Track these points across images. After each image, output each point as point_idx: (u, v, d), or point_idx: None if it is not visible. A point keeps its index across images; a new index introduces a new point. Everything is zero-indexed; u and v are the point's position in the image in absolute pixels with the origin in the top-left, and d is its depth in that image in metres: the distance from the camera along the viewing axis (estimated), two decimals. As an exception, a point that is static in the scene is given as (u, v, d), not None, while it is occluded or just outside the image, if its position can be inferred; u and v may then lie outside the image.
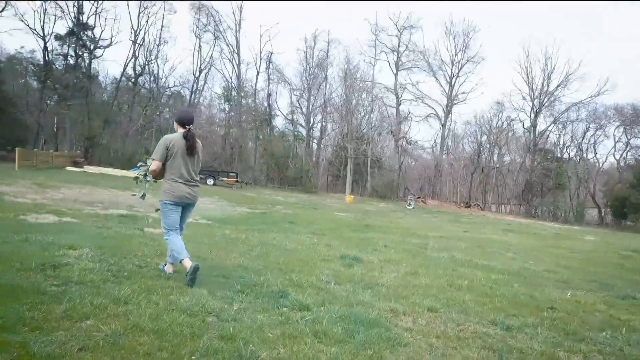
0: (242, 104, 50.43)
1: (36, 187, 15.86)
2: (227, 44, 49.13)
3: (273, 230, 10.45)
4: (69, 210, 10.09)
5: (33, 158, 27.00)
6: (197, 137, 4.75)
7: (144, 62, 44.86)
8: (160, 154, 4.58)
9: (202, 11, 47.97)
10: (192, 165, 4.70)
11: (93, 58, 42.95)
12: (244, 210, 16.59)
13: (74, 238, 6.10)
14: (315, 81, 51.89)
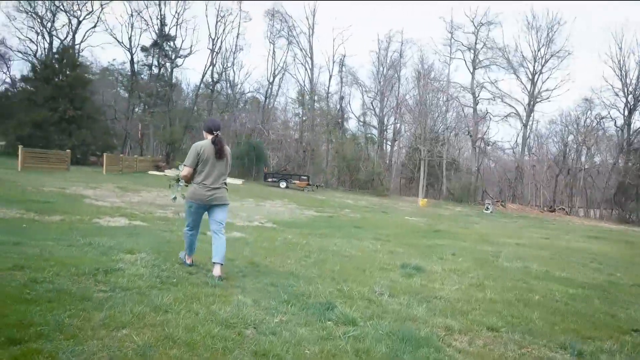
0: (315, 108, 50.92)
1: (118, 191, 16.81)
2: (301, 48, 49.87)
3: (336, 235, 10.28)
4: (141, 213, 10.54)
5: (119, 163, 28.83)
6: (225, 143, 5.04)
7: (221, 69, 46.61)
8: (192, 161, 4.89)
9: (276, 17, 49.04)
10: (221, 168, 4.98)
11: (174, 67, 45.29)
12: (312, 213, 16.57)
13: (136, 242, 6.28)
14: (389, 82, 51.27)
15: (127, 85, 44.44)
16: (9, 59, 46.58)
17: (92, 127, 32.55)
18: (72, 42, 42.74)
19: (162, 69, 44.67)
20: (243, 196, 21.48)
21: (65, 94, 31.17)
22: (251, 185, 32.73)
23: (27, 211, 8.55)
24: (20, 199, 10.15)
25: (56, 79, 31.65)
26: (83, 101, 32.32)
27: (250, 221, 11.70)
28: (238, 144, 42.14)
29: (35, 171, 21.09)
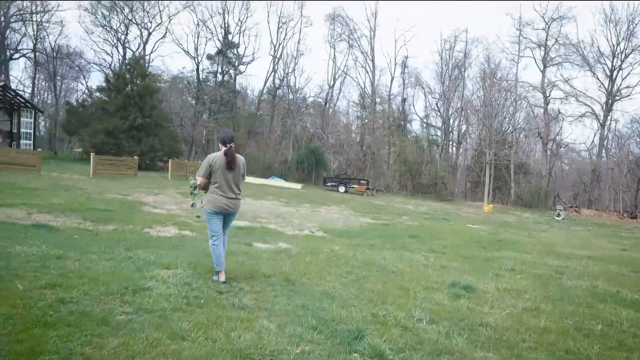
0: (377, 110, 50.43)
1: (178, 197, 17.29)
2: (362, 51, 49.61)
3: (387, 247, 9.91)
4: (193, 222, 10.69)
5: (184, 168, 29.82)
6: (237, 154, 5.32)
7: (282, 75, 47.27)
8: (204, 172, 5.27)
9: (336, 21, 49.07)
10: (233, 178, 5.27)
11: (238, 74, 46.48)
12: (367, 221, 16.23)
13: (177, 255, 6.29)
14: (453, 83, 49.81)
15: (193, 92, 46.15)
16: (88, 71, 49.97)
17: (159, 134, 33.96)
18: (143, 53, 45.01)
19: (226, 76, 45.98)
20: (300, 201, 21.53)
21: (135, 103, 32.72)
22: (310, 190, 32.81)
23: (84, 220, 8.89)
24: (81, 207, 10.60)
25: (127, 89, 33.29)
26: (151, 109, 33.77)
27: (301, 229, 11.59)
28: (298, 149, 42.49)
29: (105, 177, 22.21)
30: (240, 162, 5.38)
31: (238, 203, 5.42)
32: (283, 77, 46.98)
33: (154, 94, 35.13)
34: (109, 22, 45.56)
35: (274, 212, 15.84)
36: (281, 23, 46.16)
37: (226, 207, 5.25)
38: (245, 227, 10.57)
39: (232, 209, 5.33)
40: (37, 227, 7.41)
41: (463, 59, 49.73)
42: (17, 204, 9.86)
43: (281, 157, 43.54)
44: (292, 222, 13.21)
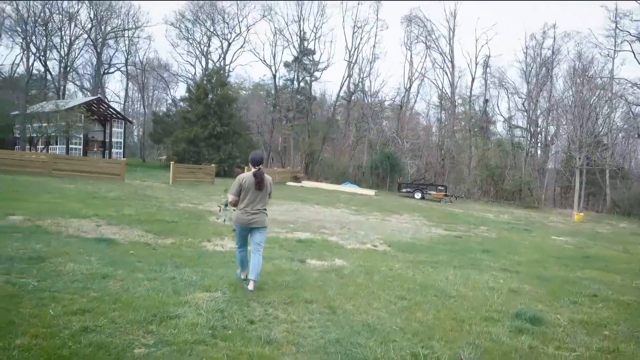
0: (457, 113, 48.65)
1: (248, 205, 17.51)
2: (441, 52, 48.18)
3: (454, 264, 9.23)
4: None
5: (259, 175, 30.47)
6: (265, 175, 5.77)
7: (357, 79, 47.04)
8: (235, 190, 5.66)
9: (413, 22, 48.04)
10: (260, 197, 5.69)
11: (313, 80, 46.90)
12: (439, 232, 15.44)
13: (221, 275, 6.17)
14: (541, 82, 46.79)
15: (270, 99, 47.27)
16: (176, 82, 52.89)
17: (237, 142, 35.04)
18: (223, 63, 46.81)
19: (302, 82, 46.57)
20: (371, 209, 21.07)
21: (215, 112, 34.02)
22: (384, 197, 32.18)
23: (147, 233, 9.14)
24: (149, 218, 10.96)
25: (207, 99, 34.70)
26: (229, 118, 34.96)
27: (363, 242, 11.18)
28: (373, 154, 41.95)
29: (184, 184, 23.16)
30: (268, 182, 5.77)
31: (262, 217, 5.76)
32: (358, 81, 46.81)
33: (232, 102, 36.33)
34: (192, 35, 47.93)
35: (342, 221, 15.55)
36: (356, 27, 46.06)
37: (248, 223, 5.66)
38: (305, 240, 10.38)
39: (255, 223, 5.69)
40: (98, 242, 7.67)
41: (551, 55, 46.56)
42: (90, 215, 10.38)
43: (355, 162, 43.25)
44: (357, 233, 12.83)
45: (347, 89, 46.84)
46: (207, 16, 47.27)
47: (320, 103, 51.28)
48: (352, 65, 46.04)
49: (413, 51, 48.92)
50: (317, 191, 29.74)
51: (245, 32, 47.51)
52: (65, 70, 46.68)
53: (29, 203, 11.35)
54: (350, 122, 46.87)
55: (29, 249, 6.52)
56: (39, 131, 29.21)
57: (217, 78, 36.44)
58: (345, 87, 46.66)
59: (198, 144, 32.97)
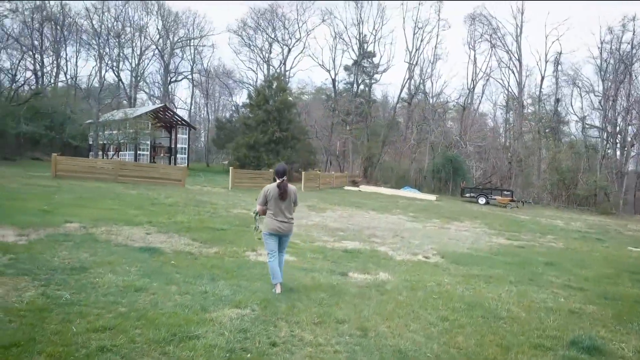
0: (525, 113, 46.37)
1: (304, 210, 17.49)
2: (507, 50, 46.21)
3: (510, 279, 8.58)
4: (301, 242, 10.51)
5: (316, 180, 30.45)
6: (290, 185, 6.19)
7: (418, 81, 46.04)
8: (261, 200, 6.11)
9: (477, 21, 46.41)
10: (285, 206, 6.08)
11: (373, 83, 46.43)
12: (500, 242, 14.59)
13: (255, 290, 6.03)
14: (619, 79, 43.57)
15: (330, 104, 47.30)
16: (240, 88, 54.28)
17: (295, 147, 35.27)
18: (283, 69, 47.40)
19: (362, 85, 46.24)
20: (430, 216, 20.37)
21: (274, 118, 34.45)
22: (446, 202, 31.14)
23: (194, 241, 9.23)
24: (199, 226, 11.11)
25: (267, 104, 35.21)
26: (289, 123, 35.27)
27: (415, 253, 10.71)
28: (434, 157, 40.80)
29: (242, 189, 23.54)
30: (292, 192, 6.18)
31: (289, 226, 6.19)
32: (419, 83, 45.78)
33: (291, 108, 36.66)
34: (254, 42, 48.97)
35: (396, 229, 15.09)
36: (417, 28, 45.09)
37: (278, 229, 6.04)
38: (352, 251, 10.08)
39: (284, 231, 6.10)
40: (143, 251, 7.79)
41: (631, 50, 43.24)
42: (142, 223, 10.66)
43: (416, 166, 42.27)
44: (410, 243, 12.35)
45: (407, 91, 46.01)
46: (268, 23, 48.15)
47: (380, 106, 50.68)
48: (413, 67, 45.15)
49: (477, 50, 47.33)
50: (375, 196, 29.27)
51: (305, 37, 48.01)
52: (136, 80, 49.19)
53: (89, 210, 11.86)
54: (411, 124, 45.91)
55: (74, 259, 6.71)
56: (109, 138, 30.86)
57: (277, 84, 36.90)
58: (406, 89, 45.86)
59: (258, 149, 33.50)
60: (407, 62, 45.15)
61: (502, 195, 32.96)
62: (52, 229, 8.79)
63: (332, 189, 30.95)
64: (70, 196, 14.39)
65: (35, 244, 7.41)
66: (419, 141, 44.43)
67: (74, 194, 15.19)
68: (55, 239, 7.90)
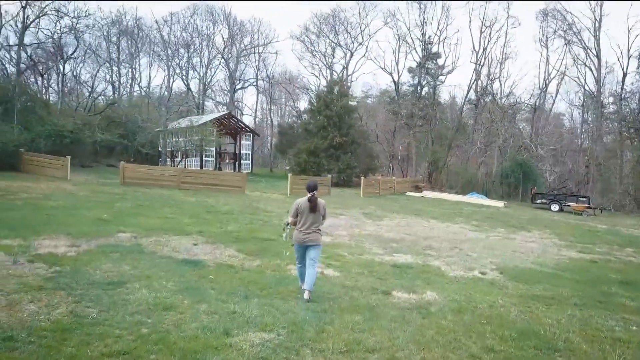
0: (604, 113, 43.17)
1: (360, 218, 17.16)
2: (584, 47, 43.25)
3: (574, 301, 7.76)
4: (349, 254, 10.18)
5: (376, 185, 29.91)
6: (319, 199, 6.63)
7: (485, 82, 44.22)
8: (293, 213, 6.60)
9: (550, 17, 43.91)
10: (314, 218, 6.51)
11: (438, 85, 45.16)
12: (570, 254, 13.45)
13: (287, 310, 5.79)
14: None
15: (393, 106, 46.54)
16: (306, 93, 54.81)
17: (356, 151, 34.92)
18: (345, 73, 47.24)
19: (426, 87, 45.13)
20: (495, 224, 19.30)
21: (334, 123, 34.33)
22: (514, 209, 29.50)
23: (239, 253, 9.17)
24: (247, 236, 11.09)
25: (327, 110, 35.16)
26: (349, 127, 35.01)
27: (470, 269, 10.03)
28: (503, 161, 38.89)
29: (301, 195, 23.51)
30: (321, 205, 6.61)
31: (316, 236, 6.55)
32: (486, 84, 43.91)
33: (351, 113, 36.37)
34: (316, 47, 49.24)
35: (456, 239, 14.36)
36: (484, 27, 43.32)
37: (304, 241, 6.48)
38: (402, 265, 9.60)
39: (310, 241, 6.48)
40: (185, 263, 7.80)
41: None
42: (193, 232, 10.79)
43: (484, 170, 40.52)
44: (468, 256, 11.65)
45: (474, 92, 44.31)
46: (330, 28, 48.20)
47: (445, 108, 49.20)
48: (480, 67, 43.43)
49: (550, 48, 44.75)
50: (438, 202, 28.27)
51: (367, 40, 47.55)
52: (204, 88, 50.99)
53: (145, 218, 12.21)
54: (478, 127, 44.12)
55: (115, 272, 6.81)
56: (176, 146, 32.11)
57: (338, 89, 36.79)
58: (473, 90, 44.22)
59: (318, 155, 33.51)
60: (474, 62, 43.57)
61: (578, 202, 30.75)
62: (103, 239, 9.07)
63: (392, 195, 30.28)
64: (130, 204, 14.95)
65: (83, 256, 7.62)
66: (486, 144, 42.57)
67: (135, 201, 15.78)
68: (103, 250, 8.11)
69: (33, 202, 13.46)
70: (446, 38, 45.47)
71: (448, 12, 44.32)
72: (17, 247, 7.70)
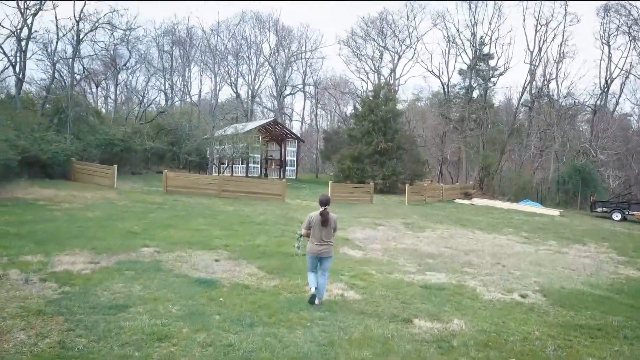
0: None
1: (400, 228, 16.53)
2: (652, 42, 40.31)
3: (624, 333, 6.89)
4: (377, 272, 9.63)
5: (422, 193, 28.92)
6: (331, 213, 6.99)
7: (541, 83, 42.09)
8: (305, 226, 7.01)
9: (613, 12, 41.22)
10: (325, 231, 6.89)
11: (490, 87, 43.39)
12: (628, 273, 12.21)
13: (290, 343, 5.37)
14: None
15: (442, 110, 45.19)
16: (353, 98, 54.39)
17: (401, 157, 34.03)
18: (393, 77, 46.37)
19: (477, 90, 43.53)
20: (546, 236, 18.01)
21: (379, 128, 33.63)
22: (572, 218, 27.66)
23: (259, 270, 8.84)
24: (274, 250, 10.76)
25: (372, 114, 34.50)
26: (394, 133, 34.19)
27: (509, 290, 9.20)
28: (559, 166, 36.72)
29: (341, 204, 23.05)
30: (332, 219, 6.98)
31: (328, 248, 7.00)
32: (542, 85, 41.77)
33: (397, 117, 35.53)
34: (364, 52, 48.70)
35: (500, 254, 13.45)
36: (539, 25, 41.23)
37: (316, 252, 6.94)
38: (432, 286, 8.91)
39: (322, 253, 6.94)
40: (198, 284, 7.53)
41: None
42: (219, 247, 10.59)
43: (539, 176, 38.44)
44: (511, 274, 10.78)
45: (529, 94, 42.22)
46: (378, 32, 47.50)
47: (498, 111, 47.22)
48: (535, 68, 41.33)
49: (612, 45, 41.93)
50: (487, 211, 26.96)
51: (415, 43, 46.52)
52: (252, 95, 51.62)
53: (175, 231, 12.18)
54: (533, 131, 41.98)
55: (122, 293, 6.64)
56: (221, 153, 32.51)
57: (384, 93, 36.06)
58: (527, 92, 42.12)
59: (362, 161, 32.92)
60: (528, 62, 41.54)
61: (643, 210, 28.46)
62: (125, 254, 9.00)
63: (440, 203, 29.17)
64: (165, 214, 15.04)
65: (98, 274, 7.53)
66: (542, 149, 40.41)
67: (171, 211, 15.88)
68: (120, 268, 8.01)
69: (72, 213, 13.78)
70: (498, 38, 43.75)
71: (500, 11, 42.55)
72: (36, 264, 7.72)
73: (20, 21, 25.12)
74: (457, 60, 49.39)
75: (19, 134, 20.78)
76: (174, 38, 50.67)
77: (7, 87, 25.84)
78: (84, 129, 26.71)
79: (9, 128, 20.65)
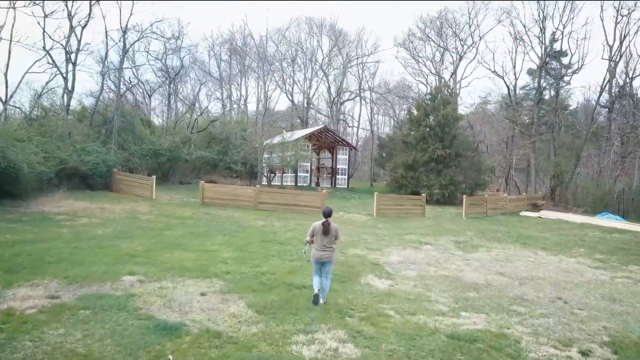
0: None
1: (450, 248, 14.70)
2: None
3: None
4: (396, 313, 7.77)
5: (482, 204, 26.27)
6: (332, 224, 7.87)
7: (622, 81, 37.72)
8: (310, 233, 7.90)
9: None
10: (326, 239, 7.76)
11: (562, 87, 39.57)
12: None
13: None
14: None
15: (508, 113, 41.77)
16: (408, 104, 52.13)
17: (460, 165, 31.47)
18: (454, 79, 43.60)
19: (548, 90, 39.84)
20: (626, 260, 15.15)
21: (435, 134, 31.33)
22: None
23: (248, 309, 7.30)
24: (279, 281, 9.18)
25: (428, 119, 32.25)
26: (453, 138, 31.72)
27: (567, 342, 6.99)
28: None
29: (388, 217, 21.16)
30: (333, 229, 7.76)
31: (329, 253, 7.75)
32: (623, 83, 37.38)
33: (456, 122, 32.98)
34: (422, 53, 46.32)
35: (566, 282, 11.14)
36: (620, 16, 36.98)
37: (319, 258, 7.69)
38: (462, 335, 6.86)
39: (324, 258, 7.70)
40: (156, 331, 6.07)
41: None
42: (217, 274, 9.23)
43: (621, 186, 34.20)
44: (574, 314, 8.50)
45: (608, 94, 37.99)
46: (437, 32, 44.93)
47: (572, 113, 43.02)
48: (615, 65, 37.10)
49: None
50: (557, 225, 23.87)
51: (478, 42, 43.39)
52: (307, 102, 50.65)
53: (179, 252, 11.01)
54: (614, 134, 37.64)
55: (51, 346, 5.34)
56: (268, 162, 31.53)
57: (441, 96, 33.63)
58: (606, 91, 37.90)
59: (417, 169, 30.71)
60: (607, 59, 37.34)
61: None
62: (97, 286, 7.81)
63: (502, 216, 26.31)
64: (183, 231, 13.98)
65: (44, 314, 6.33)
66: (624, 155, 36.06)
67: (192, 228, 14.82)
68: (77, 305, 6.79)
69: (81, 230, 13.02)
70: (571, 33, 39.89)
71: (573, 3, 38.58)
72: (-18, 299, 6.67)
73: (69, 32, 25.42)
74: (525, 59, 45.72)
75: (60, 145, 20.72)
76: (231, 48, 50.84)
77: (56, 98, 26.38)
78: (129, 139, 26.61)
79: (50, 140, 20.65)
